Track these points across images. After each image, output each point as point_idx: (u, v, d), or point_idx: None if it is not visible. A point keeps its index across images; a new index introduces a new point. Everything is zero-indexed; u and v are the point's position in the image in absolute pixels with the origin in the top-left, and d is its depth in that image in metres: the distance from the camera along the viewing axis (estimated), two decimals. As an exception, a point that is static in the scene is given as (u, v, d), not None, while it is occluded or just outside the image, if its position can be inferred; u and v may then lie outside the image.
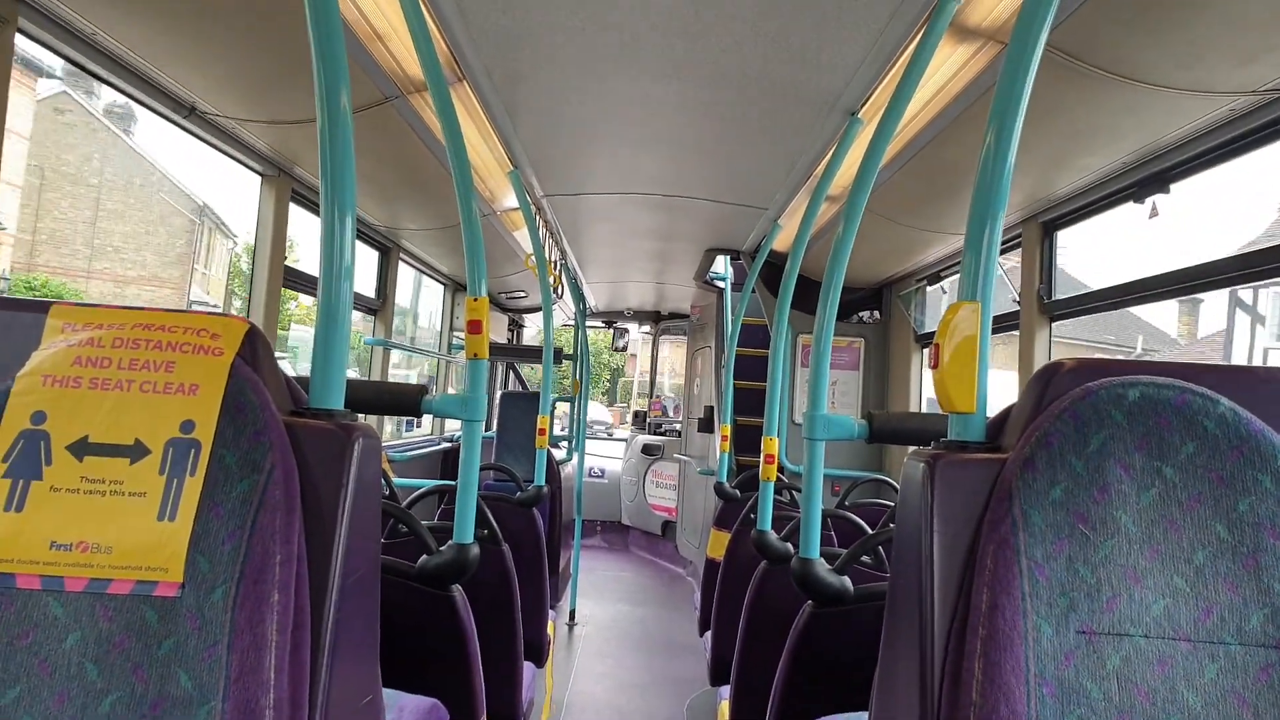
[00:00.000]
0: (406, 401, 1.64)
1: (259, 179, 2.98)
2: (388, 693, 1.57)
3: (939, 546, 0.90)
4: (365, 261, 4.39)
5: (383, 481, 3.11)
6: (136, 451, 0.92)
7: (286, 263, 3.03)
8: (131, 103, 2.30)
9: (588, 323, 7.27)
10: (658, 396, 8.66)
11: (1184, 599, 0.84)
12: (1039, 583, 0.84)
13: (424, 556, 1.83)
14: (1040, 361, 3.01)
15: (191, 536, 0.90)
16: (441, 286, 5.59)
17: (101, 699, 0.87)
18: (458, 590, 1.84)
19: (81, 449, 0.92)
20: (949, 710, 0.84)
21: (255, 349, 1.02)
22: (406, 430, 5.59)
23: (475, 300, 1.79)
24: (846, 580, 1.80)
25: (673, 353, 9.42)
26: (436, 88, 1.71)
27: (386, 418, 4.78)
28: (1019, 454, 0.89)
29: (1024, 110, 1.02)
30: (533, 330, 8.06)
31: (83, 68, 2.03)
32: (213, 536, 0.91)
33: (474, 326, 1.78)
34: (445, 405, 1.67)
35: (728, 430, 4.03)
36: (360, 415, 1.19)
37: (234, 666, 0.87)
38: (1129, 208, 2.55)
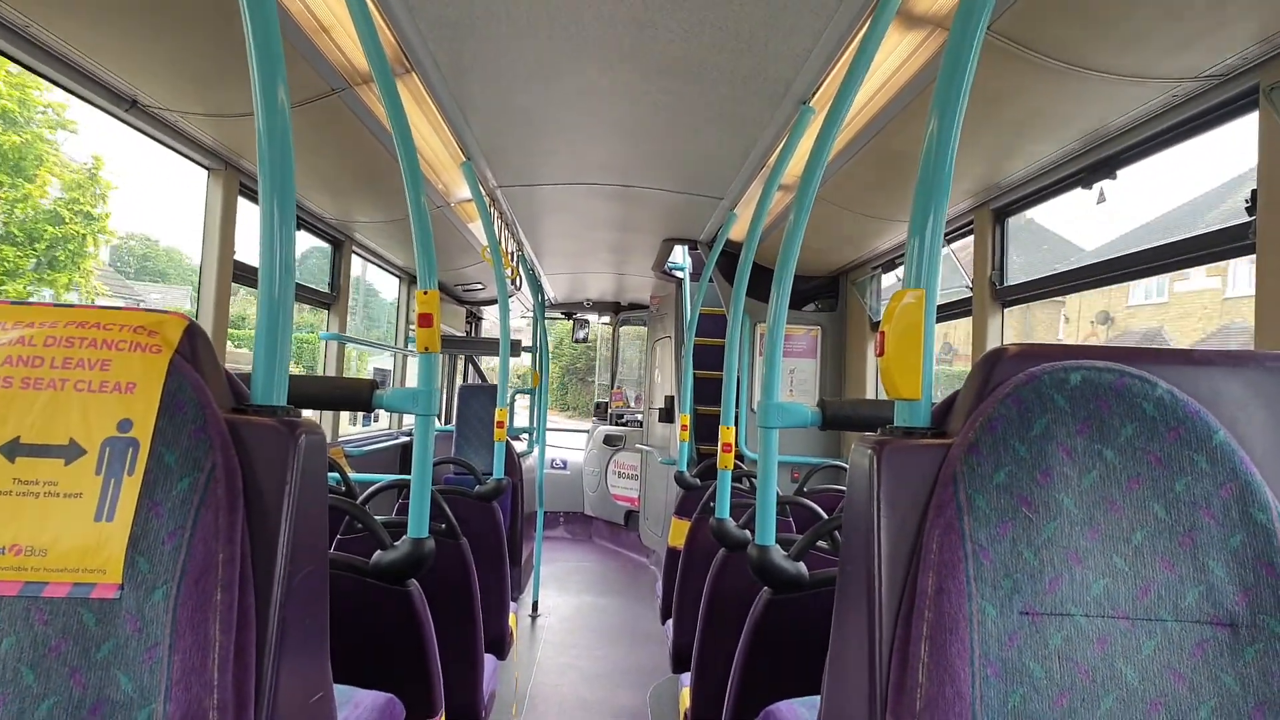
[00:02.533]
0: (357, 397, 1.62)
1: (205, 173, 2.91)
2: (342, 689, 1.55)
3: (886, 532, 0.91)
4: (319, 255, 4.32)
5: (338, 476, 3.08)
6: (71, 452, 0.90)
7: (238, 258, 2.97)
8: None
9: (548, 314, 7.23)
10: (619, 387, 8.65)
11: (1123, 578, 0.86)
12: (983, 565, 0.85)
13: (378, 552, 1.81)
14: (993, 346, 3.06)
15: (130, 537, 0.88)
16: (396, 279, 5.52)
17: (39, 704, 0.85)
18: (414, 585, 1.82)
19: (13, 450, 0.89)
20: (896, 692, 0.85)
21: (195, 345, 0.99)
22: (365, 424, 5.52)
23: (425, 293, 1.77)
24: (802, 566, 1.82)
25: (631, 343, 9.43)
26: (383, 79, 1.68)
27: (345, 413, 4.71)
28: (964, 439, 0.90)
29: (966, 97, 1.03)
30: (492, 322, 8.01)
31: (16, 60, 1.96)
32: (153, 536, 0.89)
33: (425, 320, 1.76)
34: (397, 400, 1.65)
35: (687, 420, 4.05)
36: (317, 412, 1.17)
37: (176, 668, 0.86)
38: (1078, 193, 2.61)
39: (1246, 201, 1.88)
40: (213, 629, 0.87)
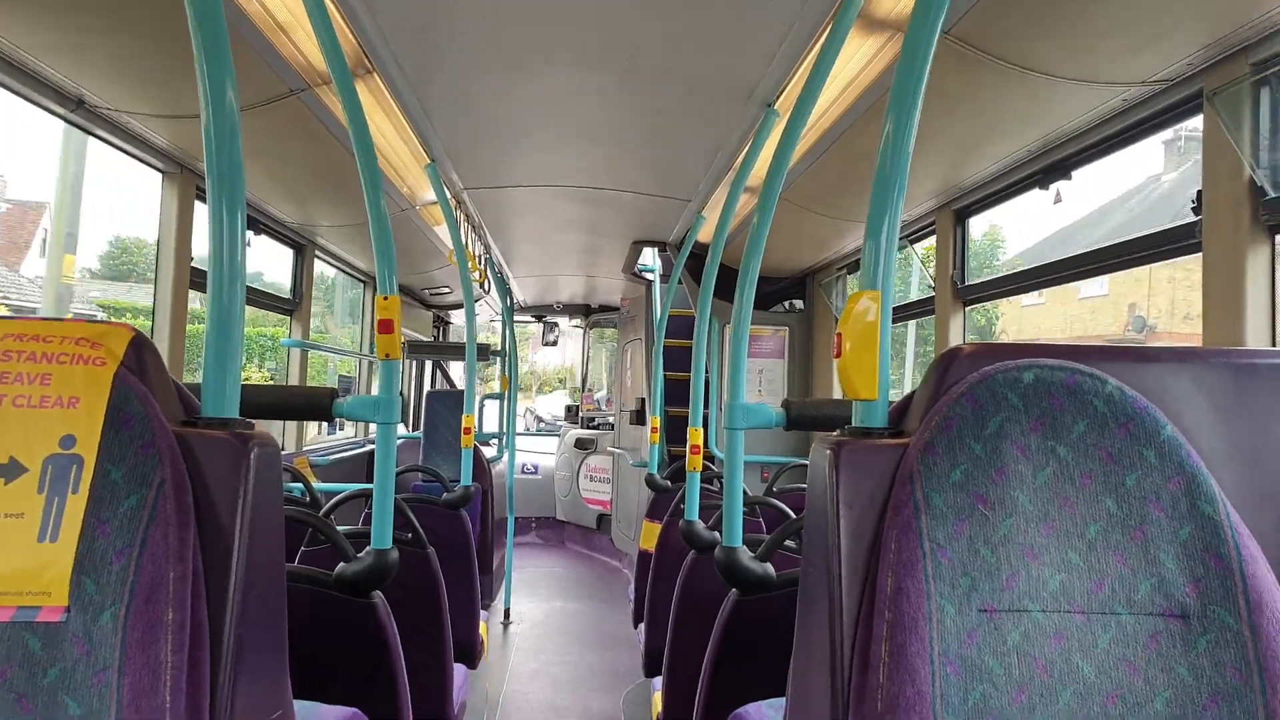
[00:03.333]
0: (316, 406, 1.59)
1: (160, 176, 2.85)
2: (305, 705, 1.52)
3: (845, 532, 0.91)
4: (280, 260, 4.26)
5: (302, 487, 3.03)
6: (11, 470, 0.87)
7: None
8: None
9: (516, 318, 7.19)
10: (589, 390, 8.63)
11: (1078, 573, 0.87)
12: (941, 564, 0.86)
13: (341, 564, 1.78)
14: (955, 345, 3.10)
15: (76, 557, 0.86)
16: (361, 284, 5.46)
17: None
18: (378, 596, 1.80)
19: None
20: (858, 692, 0.86)
21: (142, 357, 0.97)
22: (330, 433, 5.45)
23: (386, 299, 1.75)
24: (769, 567, 1.82)
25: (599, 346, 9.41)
26: (341, 80, 1.66)
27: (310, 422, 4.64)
28: (920, 438, 0.91)
29: (920, 97, 1.04)
30: (461, 326, 7.95)
31: None
32: (99, 556, 0.86)
33: (385, 326, 1.74)
34: (357, 408, 1.62)
35: (658, 422, 4.05)
36: (281, 422, 1.15)
37: (126, 691, 0.84)
38: (1035, 194, 2.65)
39: (1193, 202, 1.92)
40: (164, 650, 0.85)
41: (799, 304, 4.96)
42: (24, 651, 0.84)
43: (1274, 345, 1.81)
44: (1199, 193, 1.90)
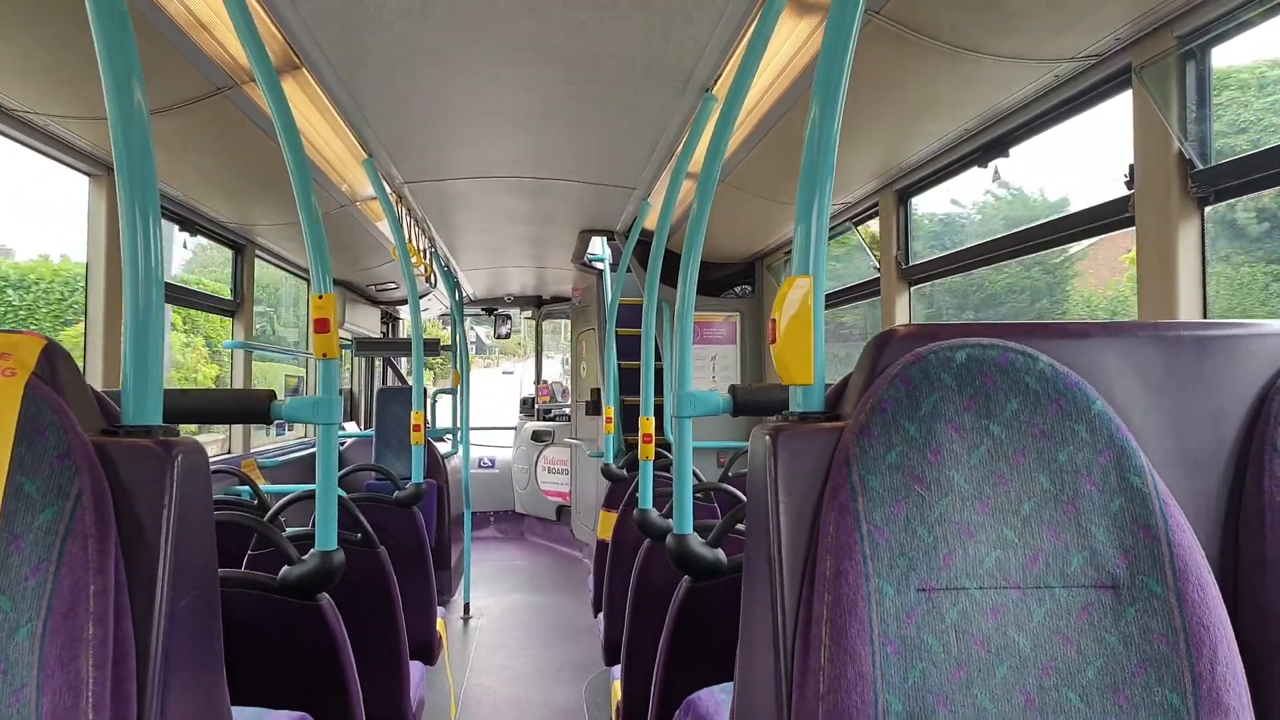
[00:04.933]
0: (253, 408, 1.55)
1: (86, 180, 2.75)
2: (251, 711, 1.49)
3: (784, 516, 0.91)
4: (220, 261, 4.15)
5: (249, 490, 2.96)
6: None
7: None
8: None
9: (468, 311, 7.11)
10: (544, 382, 8.58)
11: (1013, 549, 0.88)
12: (879, 545, 0.86)
13: (286, 567, 1.74)
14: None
15: None
16: (305, 283, 5.35)
17: None
18: (324, 598, 1.76)
19: None
20: (800, 675, 0.86)
21: (54, 366, 0.93)
22: (279, 433, 5.34)
23: (320, 297, 1.70)
24: (720, 553, 1.83)
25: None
26: (265, 75, 1.61)
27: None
28: (855, 421, 0.91)
29: (845, 82, 1.03)
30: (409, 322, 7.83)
31: None
32: (14, 572, 0.83)
33: (320, 325, 1.69)
34: (296, 410, 1.58)
35: (611, 412, 4.04)
36: (229, 429, 1.11)
37: (46, 710, 0.80)
38: (975, 172, 2.69)
39: (1125, 176, 1.96)
40: (85, 666, 0.81)
41: (749, 289, 4.98)
42: None
43: (1204, 316, 1.86)
44: (1131, 167, 1.94)
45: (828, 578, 0.85)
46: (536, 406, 8.12)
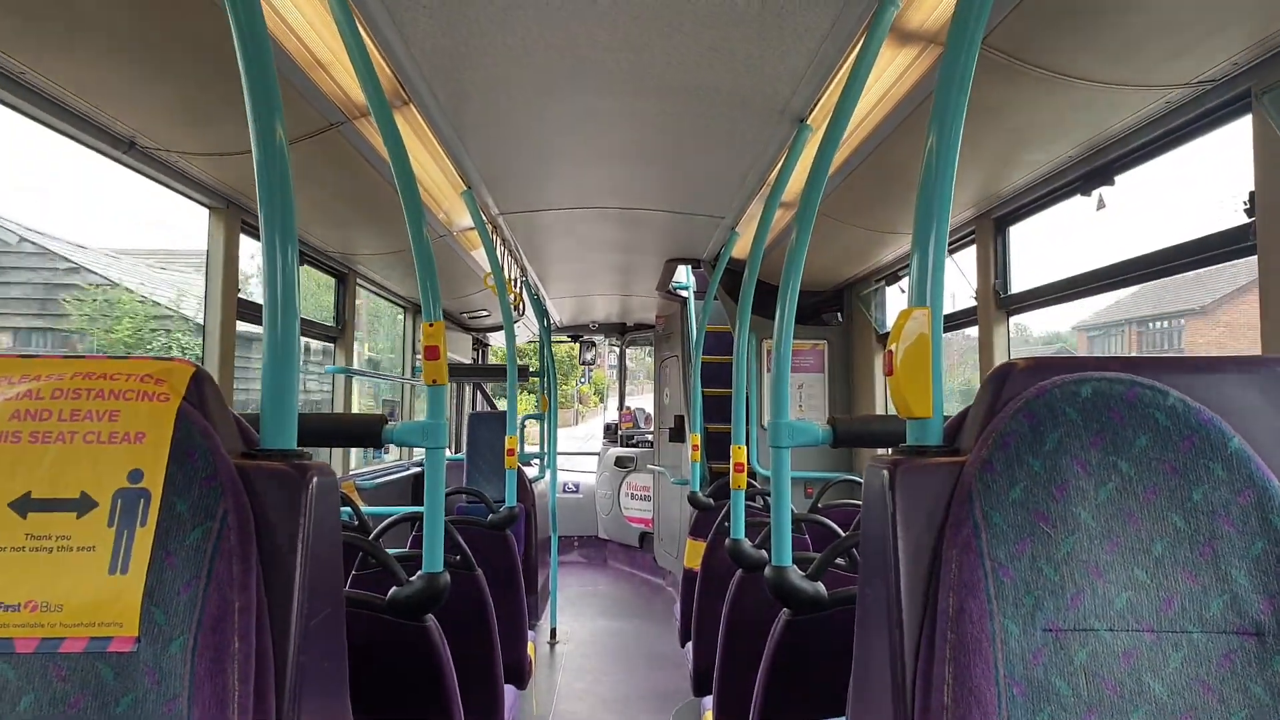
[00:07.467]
0: (367, 433, 1.61)
1: (206, 213, 2.93)
2: None
3: (904, 553, 0.90)
4: (324, 289, 4.35)
5: (350, 511, 3.07)
6: (83, 505, 0.90)
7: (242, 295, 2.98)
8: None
9: (554, 338, 7.24)
10: (628, 408, 8.64)
11: (1145, 590, 0.85)
12: (1004, 584, 0.84)
13: (394, 588, 1.80)
14: (1000, 356, 3.06)
15: (145, 588, 0.88)
16: (402, 310, 5.54)
17: None
18: (431, 620, 1.81)
19: (24, 505, 0.89)
20: (922, 714, 0.84)
21: (202, 392, 0.99)
22: (376, 456, 5.52)
23: (431, 325, 1.77)
24: (820, 586, 1.81)
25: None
26: (380, 112, 1.70)
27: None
28: (977, 456, 0.89)
29: (964, 111, 1.03)
30: (500, 348, 8.01)
31: (13, 108, 1.98)
32: (168, 587, 0.88)
33: (431, 352, 1.76)
34: (406, 434, 1.65)
35: (698, 439, 4.03)
36: (329, 451, 1.17)
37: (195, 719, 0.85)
38: (1077, 200, 2.61)
39: (1245, 204, 1.88)
40: (231, 678, 0.86)
41: (837, 316, 4.92)
42: (97, 681, 0.86)
43: None
44: (1251, 194, 1.86)
45: (950, 615, 0.84)
46: (619, 433, 8.17)
